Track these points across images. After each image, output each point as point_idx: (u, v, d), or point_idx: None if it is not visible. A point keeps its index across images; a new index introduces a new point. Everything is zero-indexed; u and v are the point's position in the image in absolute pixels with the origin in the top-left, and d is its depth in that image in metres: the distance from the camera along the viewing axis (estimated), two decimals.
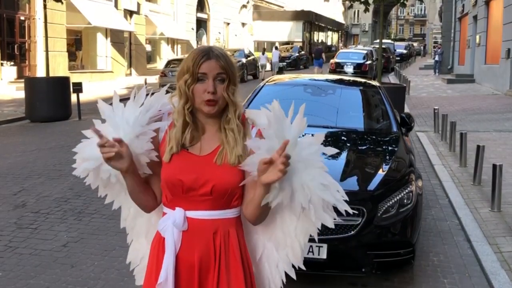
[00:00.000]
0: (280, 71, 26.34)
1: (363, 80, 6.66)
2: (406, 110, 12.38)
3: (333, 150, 1.82)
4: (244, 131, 1.83)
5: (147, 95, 1.88)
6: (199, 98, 1.78)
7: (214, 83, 1.76)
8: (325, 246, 3.54)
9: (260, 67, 27.90)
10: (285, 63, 29.83)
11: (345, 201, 1.74)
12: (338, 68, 23.58)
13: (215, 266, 1.81)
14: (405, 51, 42.23)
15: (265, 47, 35.01)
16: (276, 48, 30.21)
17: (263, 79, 23.18)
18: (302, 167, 1.68)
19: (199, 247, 1.81)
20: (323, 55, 27.87)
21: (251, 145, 1.74)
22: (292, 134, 1.69)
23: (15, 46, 19.11)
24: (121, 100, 1.84)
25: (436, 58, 28.53)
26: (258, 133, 1.81)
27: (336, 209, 1.76)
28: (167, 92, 1.93)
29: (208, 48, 1.81)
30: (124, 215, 2.08)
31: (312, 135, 1.75)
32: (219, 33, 37.27)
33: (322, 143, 1.74)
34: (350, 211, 1.75)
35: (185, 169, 1.79)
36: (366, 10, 15.14)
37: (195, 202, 1.80)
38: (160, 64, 28.31)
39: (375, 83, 6.50)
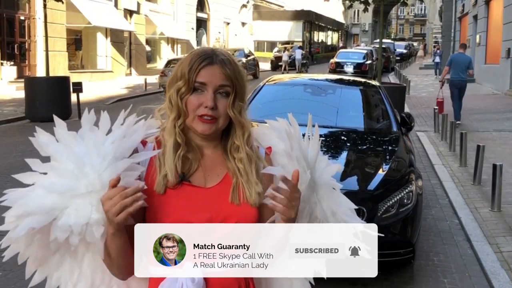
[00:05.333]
0: (303, 66, 30.35)
1: (363, 80, 6.67)
2: (406, 110, 12.36)
3: (340, 168, 1.62)
4: (257, 155, 1.48)
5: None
6: (192, 113, 1.39)
7: (214, 96, 1.38)
8: None
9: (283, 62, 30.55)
10: (306, 61, 32.56)
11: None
12: (338, 68, 23.59)
13: None
14: (405, 51, 42.24)
15: (283, 46, 36.62)
16: (299, 47, 32.62)
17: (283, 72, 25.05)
18: (327, 192, 1.46)
19: None
20: None
21: (277, 173, 1.39)
22: (313, 156, 1.45)
23: (15, 46, 19.09)
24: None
25: (437, 60, 28.42)
26: (267, 152, 1.51)
27: None
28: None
29: (210, 50, 1.42)
30: None
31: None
32: (219, 32, 37.27)
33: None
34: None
35: (193, 208, 1.36)
36: (366, 10, 15.17)
37: None
38: (160, 64, 28.31)
39: (375, 82, 6.51)
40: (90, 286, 1.41)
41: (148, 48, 29.51)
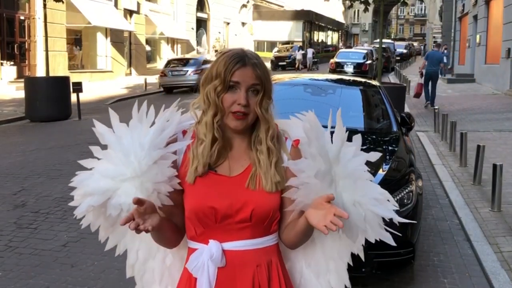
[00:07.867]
0: (314, 64, 33.20)
1: (363, 80, 6.66)
2: (406, 109, 12.36)
3: (377, 155, 1.63)
4: (280, 148, 1.63)
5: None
6: (226, 110, 1.56)
7: (246, 94, 1.54)
8: None
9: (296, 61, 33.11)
10: (317, 59, 34.83)
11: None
12: (338, 68, 23.59)
13: None
14: (405, 51, 42.23)
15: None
16: (311, 46, 35.10)
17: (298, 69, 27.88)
18: (351, 182, 1.54)
19: (241, 283, 1.58)
20: None
21: (292, 168, 1.56)
22: (335, 149, 1.55)
23: (15, 46, 19.10)
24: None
25: (444, 60, 28.13)
26: (293, 145, 1.64)
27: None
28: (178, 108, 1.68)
29: (242, 53, 1.58)
30: (131, 261, 1.74)
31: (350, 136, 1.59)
32: (219, 32, 37.28)
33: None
34: (403, 220, 1.61)
35: (216, 194, 1.56)
36: (366, 10, 15.17)
37: (232, 231, 1.57)
38: (160, 64, 28.32)
39: (375, 82, 6.50)
40: (149, 252, 1.71)
41: (148, 48, 29.53)
